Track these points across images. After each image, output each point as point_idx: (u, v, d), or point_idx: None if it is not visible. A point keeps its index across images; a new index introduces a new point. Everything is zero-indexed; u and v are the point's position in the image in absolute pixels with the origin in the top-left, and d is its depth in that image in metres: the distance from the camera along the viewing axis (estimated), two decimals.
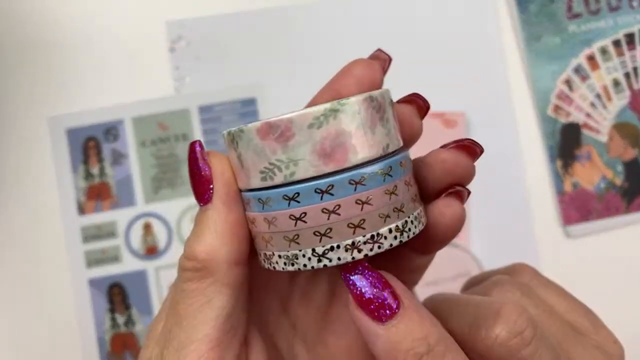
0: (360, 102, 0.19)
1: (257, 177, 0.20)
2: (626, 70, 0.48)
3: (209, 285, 0.20)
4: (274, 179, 0.19)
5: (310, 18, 0.49)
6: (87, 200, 0.47)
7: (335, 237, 0.19)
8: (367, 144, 0.19)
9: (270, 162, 0.19)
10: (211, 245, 0.20)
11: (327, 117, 0.19)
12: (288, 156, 0.19)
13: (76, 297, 0.47)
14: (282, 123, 0.19)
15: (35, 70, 0.48)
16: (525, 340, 0.20)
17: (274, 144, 0.19)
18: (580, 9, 0.49)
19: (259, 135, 0.19)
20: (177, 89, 0.48)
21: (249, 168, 0.20)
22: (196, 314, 0.20)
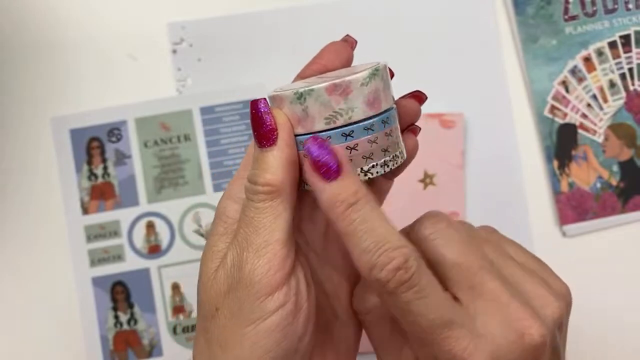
0: (383, 68, 0.28)
1: (321, 122, 0.27)
2: (622, 72, 0.49)
3: (279, 204, 0.27)
4: (337, 122, 0.27)
5: (311, 19, 0.49)
6: (90, 200, 0.48)
7: (375, 158, 0.28)
8: (388, 97, 0.28)
9: (334, 110, 0.27)
10: (280, 175, 0.27)
11: (371, 78, 0.27)
12: (347, 105, 0.27)
13: (79, 295, 0.47)
14: (344, 83, 0.27)
15: (39, 71, 0.49)
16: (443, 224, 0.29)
17: (338, 98, 0.27)
18: (576, 11, 0.49)
19: (326, 92, 0.27)
20: (179, 90, 0.49)
21: (314, 116, 0.27)
22: (270, 224, 0.27)
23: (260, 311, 0.26)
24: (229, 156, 0.48)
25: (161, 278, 0.48)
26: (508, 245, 0.32)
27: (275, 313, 0.26)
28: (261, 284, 0.26)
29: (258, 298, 0.26)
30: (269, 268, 0.26)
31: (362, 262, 0.26)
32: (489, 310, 0.27)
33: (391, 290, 0.26)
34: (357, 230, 0.26)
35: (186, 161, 0.48)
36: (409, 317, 0.26)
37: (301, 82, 0.30)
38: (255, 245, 0.27)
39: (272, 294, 0.26)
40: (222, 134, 0.48)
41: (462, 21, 0.49)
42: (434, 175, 0.48)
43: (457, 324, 0.26)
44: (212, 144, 0.48)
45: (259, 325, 0.26)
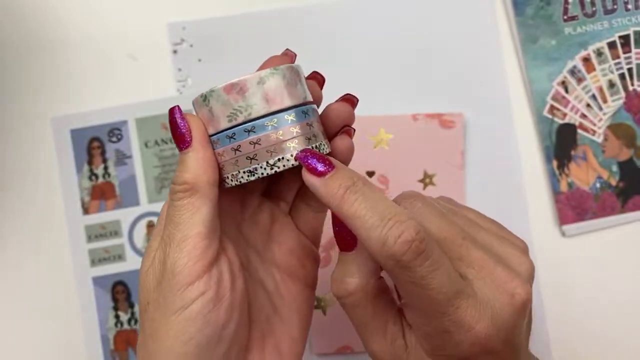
0: (286, 68, 0.30)
1: (225, 120, 0.29)
2: (621, 72, 0.49)
3: (196, 199, 0.29)
4: (237, 119, 0.29)
5: (311, 20, 0.49)
6: (91, 199, 0.48)
7: (280, 152, 0.29)
8: (293, 95, 0.30)
9: (234, 108, 0.29)
10: (196, 173, 0.29)
11: (268, 77, 0.29)
12: (246, 103, 0.29)
13: (80, 295, 0.48)
14: (240, 82, 0.29)
15: (39, 72, 0.49)
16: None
17: (236, 96, 0.29)
18: (576, 11, 0.49)
19: (224, 92, 0.29)
20: (179, 90, 0.49)
21: (218, 115, 0.29)
22: (189, 219, 0.29)
23: (182, 300, 0.28)
24: None
25: None
26: (470, 212, 0.33)
27: (195, 301, 0.28)
28: (182, 274, 0.28)
29: (179, 288, 0.28)
30: (188, 259, 0.28)
31: (372, 240, 0.26)
32: (480, 277, 0.28)
33: (406, 263, 0.26)
34: (360, 209, 0.27)
35: None
36: (424, 290, 0.26)
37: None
38: (177, 239, 0.29)
39: (193, 283, 0.28)
40: None
41: (462, 21, 0.49)
42: (433, 175, 0.48)
43: (465, 294, 0.27)
44: None
45: (181, 314, 0.28)
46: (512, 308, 0.28)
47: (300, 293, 0.34)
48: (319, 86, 0.33)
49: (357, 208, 0.27)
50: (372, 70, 0.49)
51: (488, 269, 0.29)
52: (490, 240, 0.31)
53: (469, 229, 0.31)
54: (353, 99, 0.33)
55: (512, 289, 0.28)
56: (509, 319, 0.28)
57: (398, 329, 0.30)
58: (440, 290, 0.26)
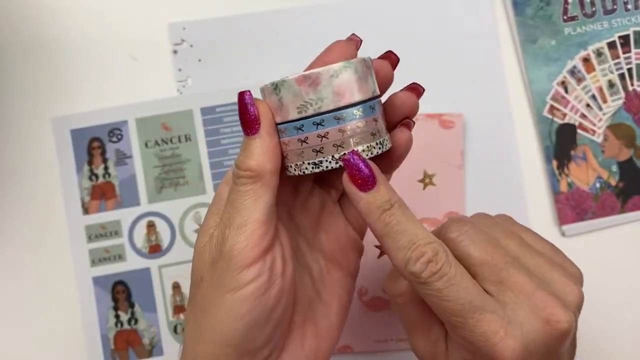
0: (359, 62, 0.30)
1: (294, 111, 0.29)
2: (621, 72, 0.49)
3: (259, 187, 0.30)
4: (307, 111, 0.29)
5: (311, 20, 0.49)
6: (91, 199, 0.48)
7: (346, 147, 0.30)
8: (363, 89, 0.30)
9: (304, 100, 0.29)
10: (261, 160, 0.30)
11: (341, 70, 0.29)
12: (317, 96, 0.29)
13: (80, 295, 0.48)
14: (313, 75, 0.29)
15: (39, 72, 0.49)
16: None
17: (307, 89, 0.29)
18: (576, 11, 0.49)
19: (296, 83, 0.29)
20: (179, 90, 0.49)
21: (287, 106, 0.30)
22: (250, 205, 0.30)
23: (236, 282, 0.29)
24: (229, 156, 0.48)
25: (162, 278, 0.48)
26: (526, 234, 0.34)
27: (249, 284, 0.29)
28: (239, 257, 0.29)
29: (235, 270, 0.29)
30: (247, 244, 0.29)
31: (398, 258, 0.29)
32: (517, 300, 0.29)
33: (424, 280, 0.29)
34: (392, 232, 0.29)
35: (187, 161, 0.48)
36: (441, 302, 0.29)
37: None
38: (236, 223, 0.30)
39: (248, 267, 0.29)
40: (223, 134, 0.49)
41: (461, 21, 0.49)
42: (433, 175, 0.48)
43: (488, 310, 0.29)
44: (213, 144, 0.48)
45: (235, 294, 0.29)
46: (547, 334, 0.29)
47: (340, 280, 0.35)
48: (392, 67, 0.33)
49: (390, 230, 0.29)
50: None
51: (527, 293, 0.30)
52: (540, 265, 0.32)
53: (520, 252, 0.32)
54: (419, 89, 0.34)
55: (548, 315, 0.29)
56: (543, 344, 0.29)
57: (441, 331, 0.33)
58: (457, 301, 0.28)
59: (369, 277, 0.47)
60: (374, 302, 0.47)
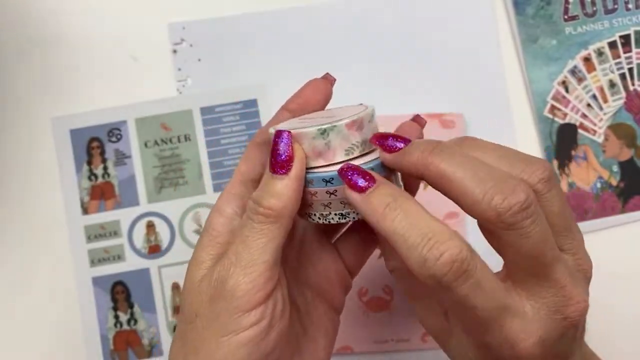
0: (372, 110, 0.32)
1: (342, 154, 0.30)
2: (622, 72, 0.49)
3: (276, 228, 0.29)
4: (354, 153, 0.30)
5: (311, 20, 0.49)
6: (90, 199, 0.48)
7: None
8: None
9: (352, 143, 0.30)
10: (286, 203, 0.29)
11: (372, 115, 0.32)
12: (362, 138, 0.31)
13: (80, 295, 0.48)
14: (359, 118, 0.30)
15: (39, 72, 0.49)
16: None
17: (355, 132, 0.30)
18: (576, 11, 0.49)
19: (346, 127, 0.30)
20: (179, 90, 0.49)
21: (335, 149, 0.30)
22: (263, 245, 0.28)
23: (236, 325, 0.28)
24: (229, 156, 0.48)
25: (161, 278, 0.48)
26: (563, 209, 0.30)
27: (249, 329, 0.28)
28: (242, 299, 0.28)
29: (236, 312, 0.28)
30: (252, 286, 0.28)
31: (412, 259, 0.26)
32: (543, 295, 0.27)
33: (447, 284, 0.25)
34: (400, 227, 0.26)
35: (186, 161, 0.48)
36: (466, 309, 0.26)
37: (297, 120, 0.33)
38: (244, 262, 0.28)
39: (250, 310, 0.28)
40: (222, 134, 0.48)
41: (462, 21, 0.49)
42: None
43: (510, 311, 0.27)
44: (212, 144, 0.48)
45: (233, 337, 0.28)
46: (565, 327, 0.28)
47: (326, 314, 0.34)
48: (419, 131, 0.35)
49: (397, 226, 0.26)
50: (372, 71, 0.49)
51: (558, 288, 0.28)
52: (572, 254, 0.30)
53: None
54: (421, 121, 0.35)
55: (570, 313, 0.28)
56: (558, 337, 0.28)
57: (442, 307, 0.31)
58: (483, 309, 0.26)
59: (369, 277, 0.47)
60: (374, 302, 0.47)
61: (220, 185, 0.48)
